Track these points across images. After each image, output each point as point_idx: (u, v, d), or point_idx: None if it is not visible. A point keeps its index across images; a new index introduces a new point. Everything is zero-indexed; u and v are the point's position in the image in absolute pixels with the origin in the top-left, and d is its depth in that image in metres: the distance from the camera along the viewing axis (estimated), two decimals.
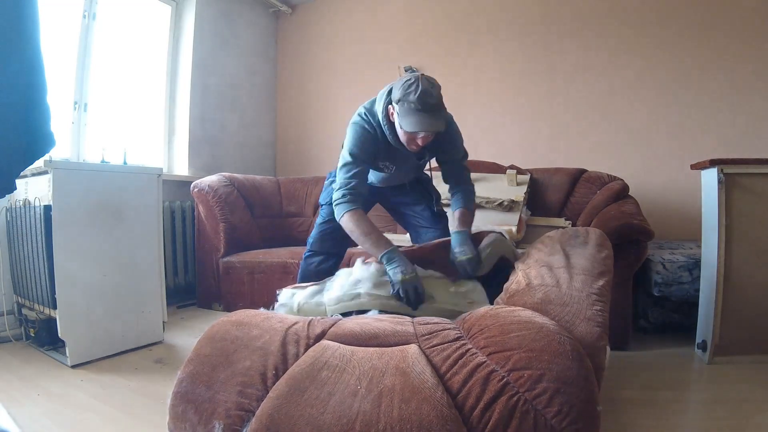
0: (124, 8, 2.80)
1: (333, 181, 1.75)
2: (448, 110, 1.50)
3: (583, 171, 2.56)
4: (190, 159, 3.10)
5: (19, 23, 0.84)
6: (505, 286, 1.29)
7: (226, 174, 2.92)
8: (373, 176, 1.71)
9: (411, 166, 1.66)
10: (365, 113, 1.53)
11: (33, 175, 1.84)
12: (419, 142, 1.41)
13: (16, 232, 1.95)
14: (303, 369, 0.83)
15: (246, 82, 3.56)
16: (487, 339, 0.86)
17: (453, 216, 1.57)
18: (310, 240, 1.83)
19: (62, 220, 1.73)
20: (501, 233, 1.52)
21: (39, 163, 1.67)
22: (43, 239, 1.73)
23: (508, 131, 2.99)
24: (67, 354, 1.73)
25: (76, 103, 2.54)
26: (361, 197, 1.49)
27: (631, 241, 1.88)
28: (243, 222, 2.79)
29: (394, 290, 1.32)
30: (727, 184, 1.73)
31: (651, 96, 2.63)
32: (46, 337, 1.87)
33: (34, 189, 1.83)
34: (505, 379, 0.75)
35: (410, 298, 1.29)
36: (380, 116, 1.48)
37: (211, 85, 3.24)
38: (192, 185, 2.75)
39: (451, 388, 0.77)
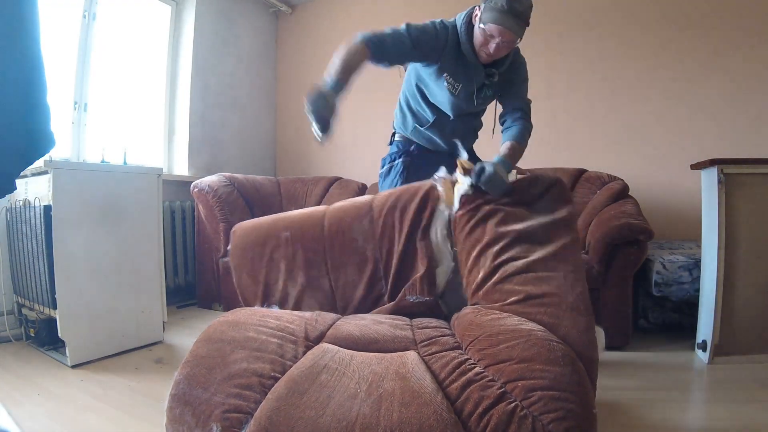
0: (124, 8, 2.80)
1: (389, 169, 1.58)
2: None
3: (583, 171, 2.56)
4: (190, 159, 3.09)
5: (19, 23, 0.84)
6: (468, 272, 1.18)
7: (226, 174, 2.92)
8: (435, 101, 1.51)
9: (476, 87, 1.46)
10: (440, 19, 1.42)
11: (33, 175, 1.84)
12: (491, 48, 1.30)
13: (16, 232, 1.95)
14: (302, 371, 0.83)
15: (246, 82, 3.56)
16: (479, 352, 0.87)
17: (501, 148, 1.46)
18: None
19: (62, 220, 1.73)
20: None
21: (39, 163, 1.67)
22: (43, 239, 1.74)
23: None
24: (67, 354, 1.73)
25: (76, 103, 2.54)
26: (383, 53, 1.34)
27: (631, 241, 1.88)
28: None
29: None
30: (727, 184, 1.73)
31: (651, 96, 2.63)
32: (46, 337, 1.88)
33: (34, 189, 1.83)
34: (502, 389, 0.76)
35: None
36: (461, 19, 1.39)
37: (211, 85, 3.24)
38: (192, 185, 2.75)
39: (450, 394, 0.77)
